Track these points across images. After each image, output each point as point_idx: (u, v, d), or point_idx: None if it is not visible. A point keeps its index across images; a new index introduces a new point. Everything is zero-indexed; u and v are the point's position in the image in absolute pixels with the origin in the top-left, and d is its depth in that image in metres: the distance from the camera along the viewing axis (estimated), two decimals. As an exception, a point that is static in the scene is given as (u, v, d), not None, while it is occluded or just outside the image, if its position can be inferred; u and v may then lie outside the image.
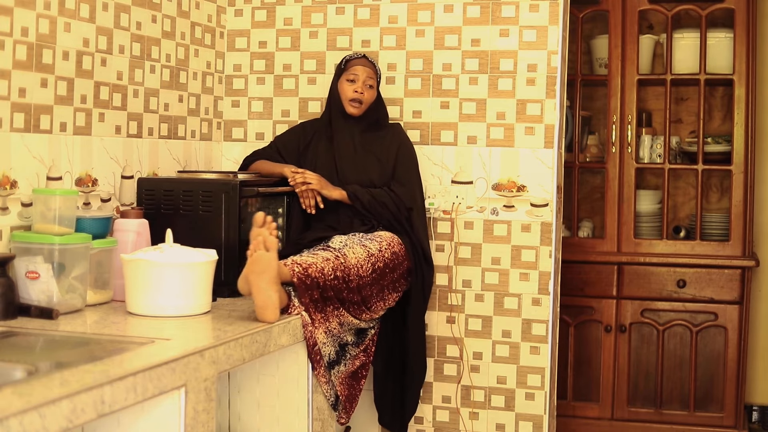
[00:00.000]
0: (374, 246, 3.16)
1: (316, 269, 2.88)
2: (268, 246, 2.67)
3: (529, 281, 3.56)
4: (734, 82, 4.41)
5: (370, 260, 3.09)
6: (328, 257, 2.98)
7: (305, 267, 2.86)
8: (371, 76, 3.47)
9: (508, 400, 3.59)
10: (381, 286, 3.13)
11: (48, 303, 2.57)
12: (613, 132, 4.53)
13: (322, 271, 2.90)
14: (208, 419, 2.26)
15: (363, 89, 3.44)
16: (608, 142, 4.56)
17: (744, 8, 4.38)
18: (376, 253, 3.13)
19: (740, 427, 4.35)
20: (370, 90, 3.47)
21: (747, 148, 4.41)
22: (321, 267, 2.91)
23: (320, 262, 2.92)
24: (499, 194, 3.59)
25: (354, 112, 3.45)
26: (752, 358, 4.70)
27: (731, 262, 4.38)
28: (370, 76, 3.46)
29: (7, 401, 1.68)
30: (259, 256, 2.65)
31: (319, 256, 2.96)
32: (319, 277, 2.88)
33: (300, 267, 2.85)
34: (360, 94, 3.43)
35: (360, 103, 3.44)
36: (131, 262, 2.65)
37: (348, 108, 3.45)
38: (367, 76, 3.45)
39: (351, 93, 3.43)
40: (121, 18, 3.17)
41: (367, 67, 3.47)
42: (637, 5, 4.50)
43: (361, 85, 3.43)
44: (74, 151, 2.96)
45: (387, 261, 3.16)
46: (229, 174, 3.30)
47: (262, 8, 3.85)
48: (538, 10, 3.54)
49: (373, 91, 3.48)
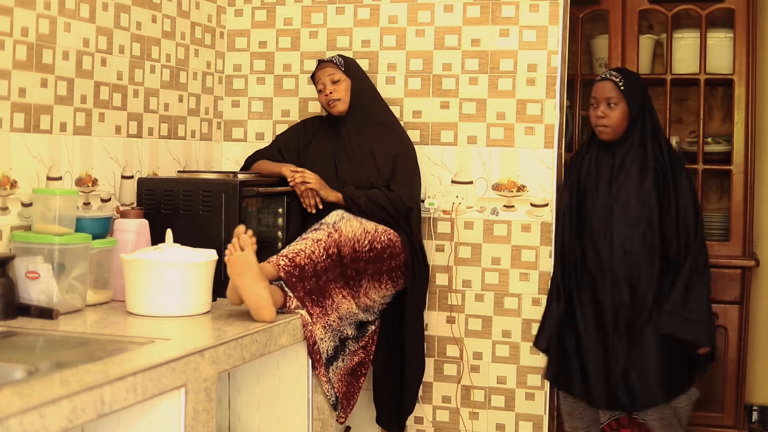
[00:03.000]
0: (371, 225, 3.15)
1: (304, 256, 2.87)
2: (243, 245, 2.67)
3: (529, 281, 3.56)
4: (734, 82, 4.41)
5: (367, 237, 3.08)
6: (320, 237, 2.96)
7: (291, 257, 2.85)
8: (332, 71, 3.45)
9: (508, 400, 3.59)
10: (378, 269, 3.11)
11: (48, 303, 2.57)
12: (613, 132, 4.53)
13: (311, 257, 2.88)
14: (208, 419, 2.26)
15: (330, 89, 3.44)
16: (608, 142, 4.56)
17: (744, 8, 4.37)
18: (372, 231, 3.12)
19: (740, 427, 4.35)
20: (337, 84, 3.45)
21: (747, 148, 4.40)
22: (310, 252, 2.89)
23: (309, 247, 2.91)
24: (499, 194, 3.59)
25: (336, 111, 3.46)
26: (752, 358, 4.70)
27: (731, 262, 4.37)
28: (331, 72, 3.45)
29: (7, 401, 1.68)
30: (236, 256, 2.66)
31: (308, 240, 2.95)
32: (308, 264, 2.86)
33: (286, 259, 2.84)
34: (329, 95, 3.43)
35: (336, 101, 3.44)
36: (131, 262, 2.65)
37: (331, 111, 3.47)
38: (328, 75, 3.45)
39: (323, 99, 3.46)
40: (121, 18, 3.17)
41: (326, 67, 3.46)
42: (637, 5, 4.50)
43: (326, 88, 3.44)
44: (74, 151, 2.96)
45: (384, 244, 3.14)
46: (229, 174, 3.30)
47: (262, 8, 3.85)
48: (538, 10, 3.54)
49: (341, 83, 3.45)
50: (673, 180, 3.31)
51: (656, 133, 3.36)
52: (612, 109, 3.32)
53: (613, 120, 3.32)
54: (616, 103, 3.31)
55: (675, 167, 3.33)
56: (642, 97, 3.36)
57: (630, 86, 3.33)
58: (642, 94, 3.37)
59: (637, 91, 3.35)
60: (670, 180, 3.31)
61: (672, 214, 3.29)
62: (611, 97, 3.32)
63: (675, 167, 3.33)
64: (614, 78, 3.34)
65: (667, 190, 3.30)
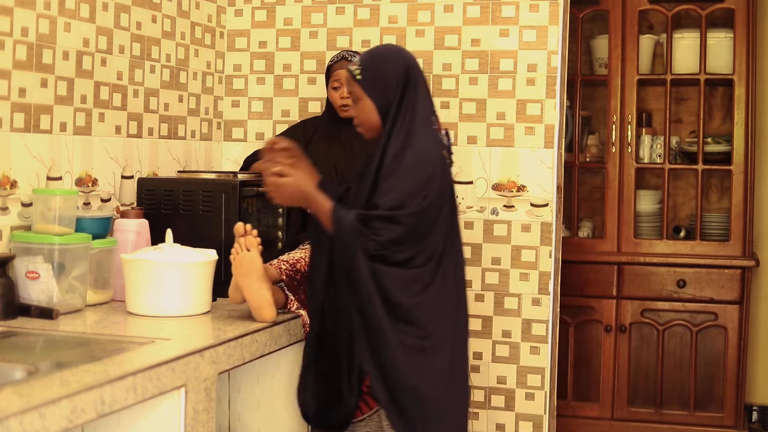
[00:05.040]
0: None
1: (303, 263, 2.88)
2: (249, 246, 2.67)
3: (529, 281, 3.56)
4: (734, 82, 4.42)
5: None
6: None
7: (292, 263, 2.86)
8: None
9: (508, 400, 3.59)
10: None
11: (48, 303, 2.57)
12: (613, 132, 4.54)
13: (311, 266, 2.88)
14: (208, 419, 2.26)
15: (347, 93, 3.41)
16: (608, 142, 4.56)
17: (744, 8, 4.38)
18: None
19: (740, 427, 4.36)
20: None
21: (747, 148, 4.41)
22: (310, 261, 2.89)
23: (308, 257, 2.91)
24: (499, 194, 3.59)
25: (346, 115, 3.43)
26: (752, 359, 4.70)
27: (731, 262, 4.38)
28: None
29: (7, 401, 1.68)
30: (242, 257, 2.66)
31: (306, 250, 2.95)
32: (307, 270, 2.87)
33: (287, 264, 2.85)
34: (344, 98, 3.40)
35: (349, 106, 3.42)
36: (131, 262, 2.65)
37: (341, 113, 3.43)
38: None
39: (338, 100, 3.41)
40: (121, 18, 3.17)
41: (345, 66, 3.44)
42: (637, 5, 4.50)
43: (344, 90, 3.41)
44: (74, 151, 2.96)
45: None
46: (229, 174, 3.30)
47: (262, 8, 3.85)
48: (538, 10, 3.54)
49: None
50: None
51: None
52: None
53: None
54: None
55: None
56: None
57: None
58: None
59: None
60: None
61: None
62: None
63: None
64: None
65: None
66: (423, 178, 2.53)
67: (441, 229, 2.58)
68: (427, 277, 2.56)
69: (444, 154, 2.63)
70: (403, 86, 2.59)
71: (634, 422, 4.42)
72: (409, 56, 2.67)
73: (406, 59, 2.65)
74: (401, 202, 2.50)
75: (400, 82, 2.60)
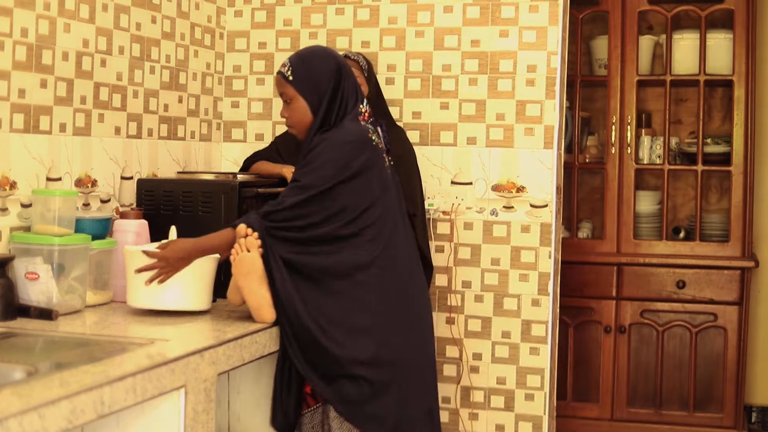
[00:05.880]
0: None
1: None
2: (249, 247, 2.67)
3: (528, 282, 3.56)
4: (734, 83, 4.42)
5: None
6: None
7: None
8: (356, 74, 3.43)
9: (507, 400, 3.59)
10: None
11: (47, 304, 2.57)
12: (613, 133, 4.54)
13: None
14: (208, 420, 2.26)
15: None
16: (608, 143, 4.57)
17: (744, 9, 4.38)
18: None
19: (740, 428, 4.36)
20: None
21: (746, 148, 4.41)
22: None
23: None
24: (498, 195, 3.59)
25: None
26: (752, 359, 4.70)
27: (731, 263, 4.38)
28: (356, 75, 3.42)
29: (7, 402, 1.68)
30: (242, 257, 2.66)
31: None
32: None
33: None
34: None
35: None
36: (134, 253, 2.64)
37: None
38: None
39: None
40: (120, 19, 3.17)
41: (352, 67, 3.43)
42: (636, 6, 4.50)
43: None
44: (74, 152, 2.96)
45: None
46: (229, 175, 3.30)
47: (262, 9, 3.85)
48: (537, 10, 3.54)
49: (362, 87, 3.44)
50: None
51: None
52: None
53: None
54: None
55: None
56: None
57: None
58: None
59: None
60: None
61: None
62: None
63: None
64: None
65: None
66: (339, 150, 2.62)
67: (377, 206, 2.63)
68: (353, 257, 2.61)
69: (372, 137, 2.69)
70: (335, 84, 2.68)
71: (633, 423, 4.43)
72: (338, 55, 2.77)
73: (335, 58, 2.74)
74: (311, 172, 2.60)
75: (332, 79, 2.68)
